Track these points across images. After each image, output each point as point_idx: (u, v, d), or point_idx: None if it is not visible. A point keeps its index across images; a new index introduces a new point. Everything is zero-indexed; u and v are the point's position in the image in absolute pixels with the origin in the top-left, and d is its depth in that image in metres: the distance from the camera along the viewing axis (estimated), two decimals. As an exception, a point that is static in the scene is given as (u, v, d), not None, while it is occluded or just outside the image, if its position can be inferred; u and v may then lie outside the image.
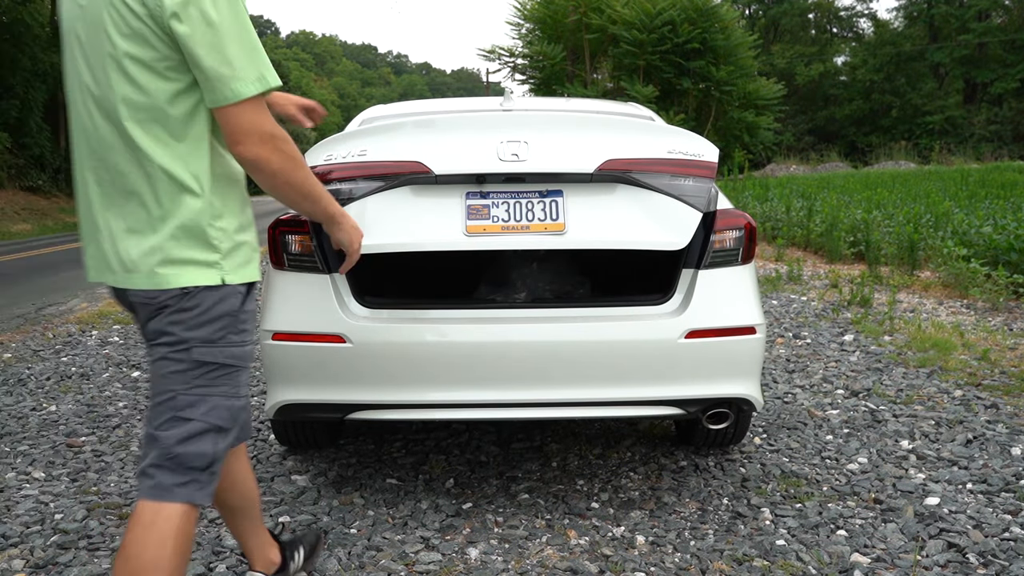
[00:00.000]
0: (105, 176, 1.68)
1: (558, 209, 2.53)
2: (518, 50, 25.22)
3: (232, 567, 2.39)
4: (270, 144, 1.64)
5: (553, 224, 2.52)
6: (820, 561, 2.41)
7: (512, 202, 2.54)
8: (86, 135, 1.69)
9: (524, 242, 2.52)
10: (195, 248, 1.65)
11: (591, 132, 2.60)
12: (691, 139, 2.64)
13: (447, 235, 2.52)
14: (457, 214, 2.54)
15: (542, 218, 2.53)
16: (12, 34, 21.64)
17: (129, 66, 1.59)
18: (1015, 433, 3.45)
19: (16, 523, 2.69)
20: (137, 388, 4.39)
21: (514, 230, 2.52)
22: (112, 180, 1.67)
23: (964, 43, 42.72)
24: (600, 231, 2.53)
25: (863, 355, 4.81)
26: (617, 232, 2.53)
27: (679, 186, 2.55)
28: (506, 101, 3.51)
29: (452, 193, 2.55)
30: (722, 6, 22.74)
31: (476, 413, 2.59)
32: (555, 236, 2.52)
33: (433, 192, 2.55)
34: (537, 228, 2.52)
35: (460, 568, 2.38)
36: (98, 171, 1.68)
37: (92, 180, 1.70)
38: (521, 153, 2.49)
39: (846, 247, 8.82)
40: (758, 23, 48.55)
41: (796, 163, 30.72)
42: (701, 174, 2.58)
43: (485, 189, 2.54)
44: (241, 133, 1.61)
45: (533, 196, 2.54)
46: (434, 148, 2.51)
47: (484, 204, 2.54)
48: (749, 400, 2.68)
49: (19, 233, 18.14)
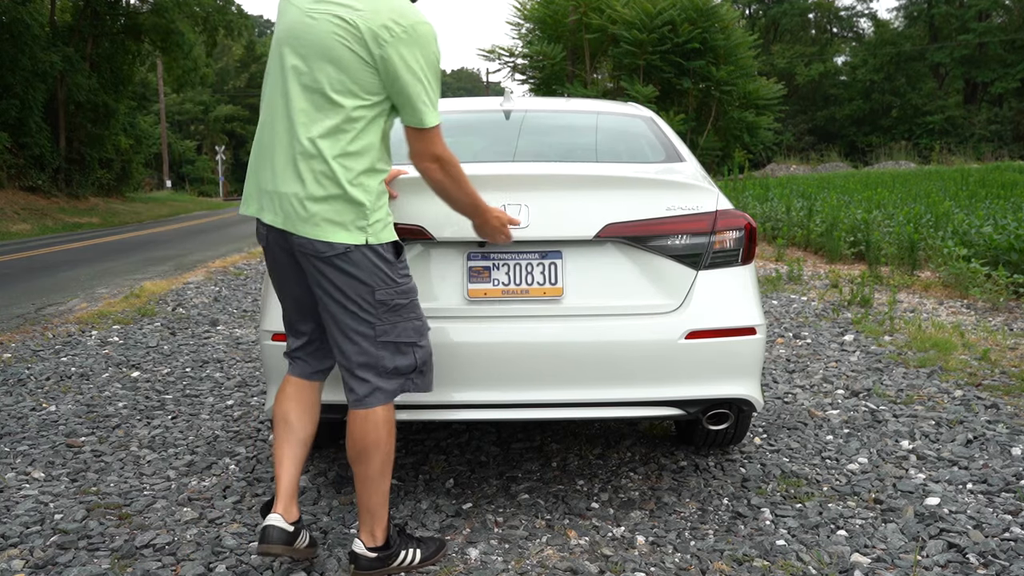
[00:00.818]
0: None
1: (557, 272, 2.58)
2: (518, 50, 25.21)
3: (232, 567, 2.39)
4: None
5: (552, 289, 2.58)
6: (820, 561, 2.41)
7: (512, 263, 2.58)
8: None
9: (523, 310, 2.59)
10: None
11: (591, 193, 2.62)
12: (690, 192, 2.66)
13: (449, 300, 2.57)
14: (458, 276, 2.58)
15: (541, 282, 2.58)
16: (12, 34, 21.62)
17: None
18: (1015, 433, 3.45)
19: (16, 523, 2.69)
20: (137, 388, 4.39)
21: (514, 295, 2.58)
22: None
23: (964, 43, 42.72)
24: (596, 296, 2.59)
25: (863, 355, 4.81)
26: (611, 297, 2.59)
27: (675, 246, 2.60)
28: (506, 101, 3.51)
29: (454, 253, 2.59)
30: (722, 6, 22.72)
31: (477, 413, 2.59)
32: (553, 303, 2.58)
33: (435, 253, 2.59)
34: (536, 293, 2.58)
35: (460, 568, 2.37)
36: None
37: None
38: (522, 219, 2.52)
39: (846, 247, 8.82)
40: (758, 23, 48.55)
41: (796, 163, 30.72)
42: (698, 229, 2.61)
43: (486, 250, 2.58)
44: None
45: (533, 257, 2.59)
46: (435, 213, 2.52)
47: (485, 265, 2.58)
48: (749, 400, 2.68)
49: (19, 233, 18.14)
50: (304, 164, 2.10)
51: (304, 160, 2.10)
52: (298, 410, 2.35)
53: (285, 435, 2.32)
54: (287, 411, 2.34)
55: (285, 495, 2.27)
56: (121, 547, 2.51)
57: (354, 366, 2.21)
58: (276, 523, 2.21)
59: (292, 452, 2.31)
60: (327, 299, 2.18)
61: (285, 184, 2.12)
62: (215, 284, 8.45)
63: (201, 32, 28.85)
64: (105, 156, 27.83)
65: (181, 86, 31.51)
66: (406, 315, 2.23)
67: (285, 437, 2.32)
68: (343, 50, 2.08)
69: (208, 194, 49.96)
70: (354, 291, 2.14)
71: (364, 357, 2.20)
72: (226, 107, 56.99)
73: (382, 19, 2.06)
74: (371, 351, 2.20)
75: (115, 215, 24.80)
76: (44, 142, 23.58)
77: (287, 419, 2.34)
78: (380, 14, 2.07)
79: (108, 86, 26.76)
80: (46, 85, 23.36)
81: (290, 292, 2.32)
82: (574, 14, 22.84)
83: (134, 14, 27.23)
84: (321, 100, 2.11)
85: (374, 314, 2.17)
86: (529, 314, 2.58)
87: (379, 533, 2.28)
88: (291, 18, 2.15)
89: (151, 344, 5.46)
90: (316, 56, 2.10)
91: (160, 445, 3.49)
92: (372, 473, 2.23)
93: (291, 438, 2.32)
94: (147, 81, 38.34)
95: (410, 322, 2.24)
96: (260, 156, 2.20)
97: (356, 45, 2.07)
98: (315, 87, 2.11)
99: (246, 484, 3.03)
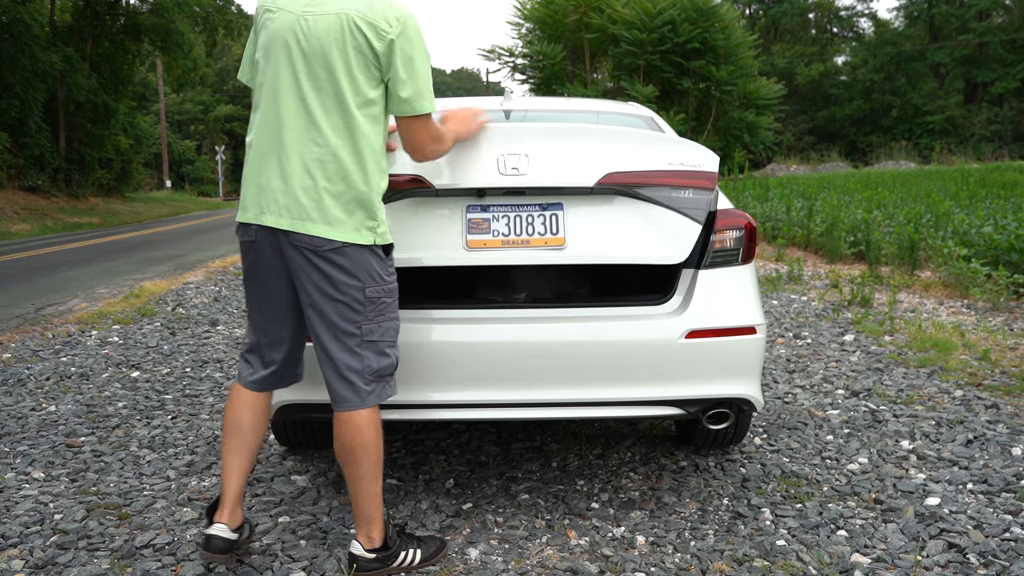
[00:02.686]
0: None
1: (558, 223, 2.55)
2: (518, 50, 25.17)
3: (232, 568, 2.38)
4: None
5: (553, 238, 2.54)
6: (820, 561, 2.41)
7: (512, 215, 2.55)
8: None
9: (525, 257, 2.55)
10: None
11: (591, 144, 2.59)
12: (691, 149, 2.63)
13: (448, 250, 2.54)
14: (457, 228, 2.55)
15: (542, 232, 2.54)
16: (12, 34, 21.60)
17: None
18: (1015, 433, 3.44)
19: (15, 523, 2.69)
20: (137, 388, 4.39)
21: (514, 244, 2.54)
22: None
23: (964, 43, 42.72)
24: (599, 245, 2.55)
25: (863, 355, 4.81)
26: (616, 246, 2.55)
27: (679, 198, 2.56)
28: (506, 101, 3.51)
29: (453, 205, 2.56)
30: (722, 6, 22.68)
31: (476, 413, 2.59)
32: (555, 251, 2.54)
33: (433, 205, 2.56)
34: (537, 243, 2.54)
35: (460, 568, 2.37)
36: None
37: None
38: (521, 167, 2.49)
39: (846, 247, 8.82)
40: (758, 23, 48.53)
41: (796, 163, 30.71)
42: (701, 185, 2.58)
43: (485, 202, 2.55)
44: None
45: (533, 209, 2.55)
46: (434, 163, 2.51)
47: (484, 217, 2.55)
48: (749, 400, 2.67)
49: (19, 233, 18.13)
50: (316, 164, 2.15)
51: (316, 160, 2.15)
52: (252, 419, 2.39)
53: (237, 444, 2.37)
54: (242, 421, 2.37)
55: (231, 502, 2.34)
56: (121, 547, 2.50)
57: (341, 368, 2.23)
58: (220, 533, 2.30)
59: (241, 462, 2.37)
60: (318, 295, 2.19)
61: (296, 183, 2.15)
62: (215, 284, 8.45)
63: (201, 32, 28.85)
64: (105, 156, 27.82)
65: (181, 86, 31.52)
66: (389, 315, 2.28)
67: (237, 446, 2.37)
68: (346, 47, 2.13)
69: (208, 194, 49.98)
70: (347, 288, 2.18)
71: (350, 358, 2.23)
72: (226, 107, 56.96)
73: (376, 14, 2.14)
74: (357, 352, 2.23)
75: (115, 215, 24.80)
76: (44, 142, 23.57)
77: (241, 428, 2.37)
78: (374, 9, 2.15)
79: (108, 86, 26.76)
80: (46, 85, 23.34)
81: (270, 297, 2.31)
82: (574, 14, 22.81)
83: (134, 14, 27.21)
84: (330, 100, 2.15)
85: (362, 312, 2.21)
86: (530, 262, 2.55)
87: (376, 535, 2.29)
88: (284, 22, 2.17)
89: (151, 344, 5.46)
90: (319, 56, 2.14)
91: (160, 445, 3.49)
92: (362, 474, 2.26)
93: (243, 448, 2.37)
94: (147, 81, 38.36)
95: (392, 322, 2.30)
96: (262, 160, 2.20)
97: (360, 40, 2.14)
98: (322, 87, 2.15)
99: (246, 484, 3.03)
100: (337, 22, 2.13)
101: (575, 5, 22.86)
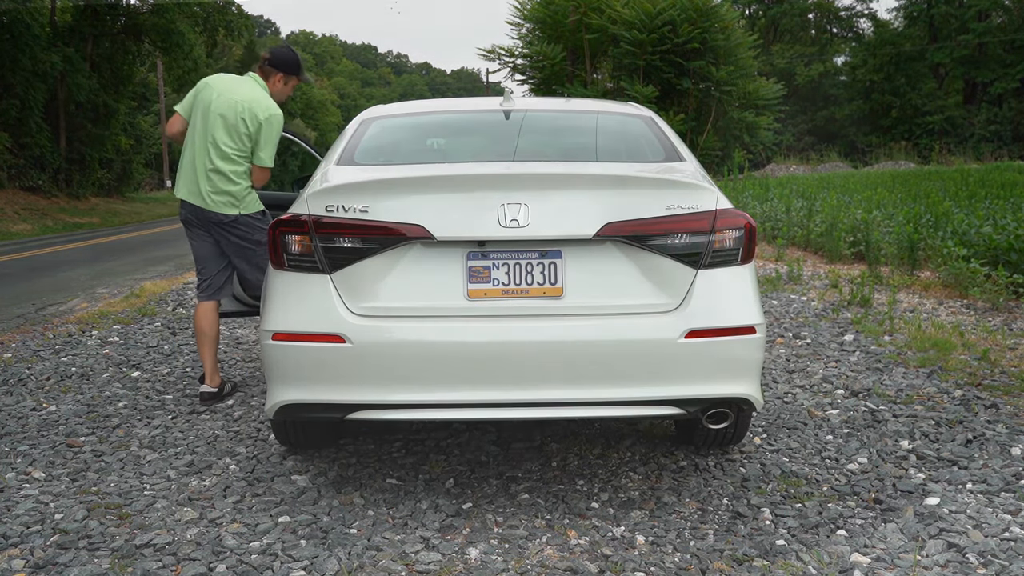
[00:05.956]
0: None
1: (556, 272, 2.58)
2: (518, 50, 25.12)
3: (232, 567, 2.39)
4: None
5: (551, 288, 2.58)
6: (820, 561, 2.41)
7: (512, 263, 2.58)
8: None
9: (523, 307, 2.59)
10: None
11: (590, 192, 2.62)
12: (689, 190, 2.66)
13: (449, 300, 2.58)
14: (458, 276, 2.58)
15: (541, 282, 2.58)
16: (12, 34, 21.60)
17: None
18: (1015, 433, 3.45)
19: (16, 523, 2.70)
20: (137, 388, 4.39)
21: (514, 294, 2.58)
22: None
23: (964, 43, 42.70)
24: (596, 295, 2.59)
25: (863, 355, 4.81)
26: (612, 296, 2.60)
27: (675, 245, 2.59)
28: (506, 101, 3.51)
29: (453, 253, 2.59)
30: (722, 6, 22.65)
31: (476, 413, 2.59)
32: (553, 300, 2.58)
33: (435, 252, 2.59)
34: (536, 292, 2.58)
35: (460, 568, 2.38)
36: None
37: None
38: (521, 218, 2.52)
39: (846, 247, 8.81)
40: (758, 23, 48.50)
41: (796, 163, 30.70)
42: (697, 228, 2.60)
43: (486, 250, 2.58)
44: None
45: (533, 256, 2.59)
46: (435, 211, 2.53)
47: (485, 265, 2.58)
48: (749, 400, 2.68)
49: (19, 233, 18.13)
50: (213, 174, 3.93)
51: (213, 172, 3.93)
52: (212, 319, 4.10)
53: (206, 340, 4.09)
54: (212, 323, 4.10)
55: (210, 371, 4.12)
56: (121, 547, 2.51)
57: (243, 279, 4.20)
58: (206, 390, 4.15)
59: (211, 350, 4.10)
60: (230, 247, 4.04)
61: (202, 184, 3.95)
62: (215, 284, 8.43)
63: (201, 32, 28.83)
64: (105, 156, 27.82)
65: (181, 86, 31.40)
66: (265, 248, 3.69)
67: (205, 340, 4.08)
68: (237, 120, 3.92)
69: (208, 194, 49.82)
70: (246, 237, 4.00)
71: (251, 275, 4.06)
72: (226, 107, 56.80)
73: (256, 107, 3.93)
74: (253, 272, 4.03)
75: (115, 215, 24.80)
76: (44, 142, 23.57)
77: (210, 330, 4.10)
78: (257, 103, 3.94)
79: (108, 86, 26.76)
80: (46, 85, 23.34)
81: (203, 247, 4.07)
82: (574, 14, 22.78)
83: (134, 14, 27.21)
84: (224, 145, 3.93)
85: (254, 249, 4.00)
86: (529, 313, 2.58)
87: (217, 380, 4.13)
88: (210, 96, 3.95)
89: (151, 344, 5.46)
90: (221, 120, 3.91)
91: (160, 445, 3.49)
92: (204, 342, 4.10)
93: (208, 341, 4.08)
94: (147, 81, 38.31)
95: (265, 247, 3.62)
96: (188, 166, 3.98)
97: (245, 119, 3.92)
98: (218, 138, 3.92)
99: (246, 484, 3.03)
100: (234, 106, 3.92)
101: (575, 5, 22.84)
